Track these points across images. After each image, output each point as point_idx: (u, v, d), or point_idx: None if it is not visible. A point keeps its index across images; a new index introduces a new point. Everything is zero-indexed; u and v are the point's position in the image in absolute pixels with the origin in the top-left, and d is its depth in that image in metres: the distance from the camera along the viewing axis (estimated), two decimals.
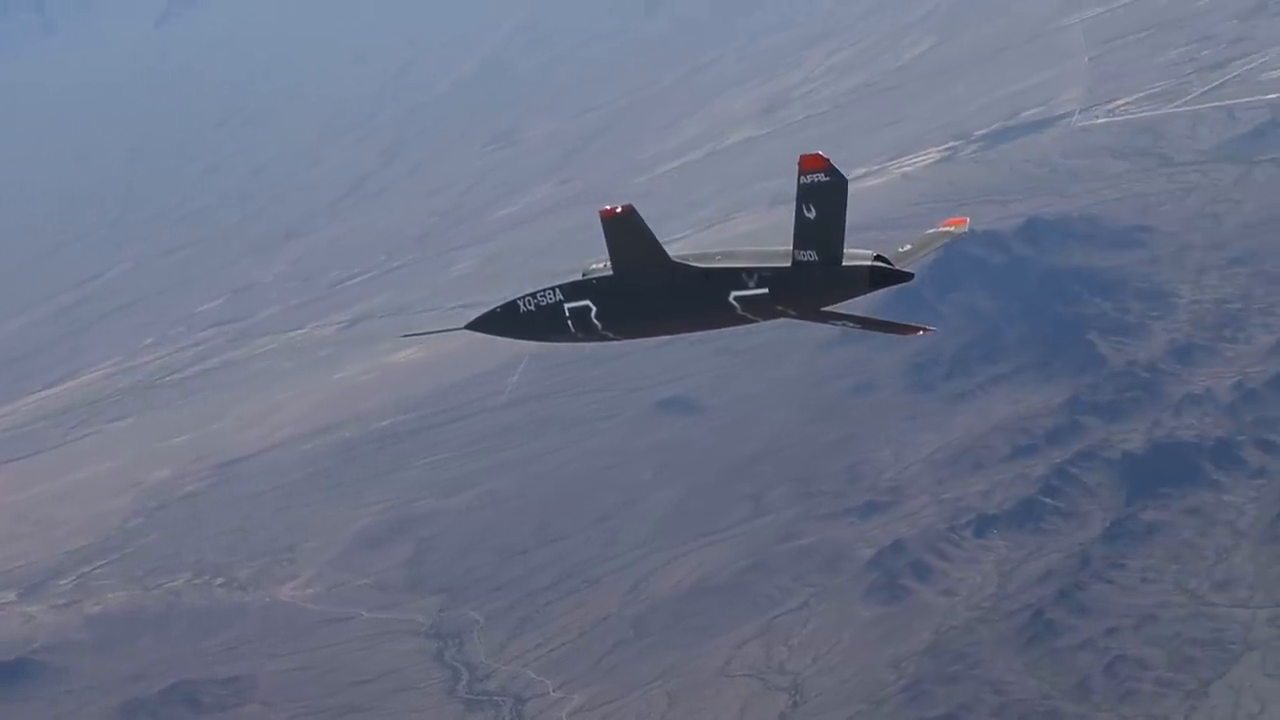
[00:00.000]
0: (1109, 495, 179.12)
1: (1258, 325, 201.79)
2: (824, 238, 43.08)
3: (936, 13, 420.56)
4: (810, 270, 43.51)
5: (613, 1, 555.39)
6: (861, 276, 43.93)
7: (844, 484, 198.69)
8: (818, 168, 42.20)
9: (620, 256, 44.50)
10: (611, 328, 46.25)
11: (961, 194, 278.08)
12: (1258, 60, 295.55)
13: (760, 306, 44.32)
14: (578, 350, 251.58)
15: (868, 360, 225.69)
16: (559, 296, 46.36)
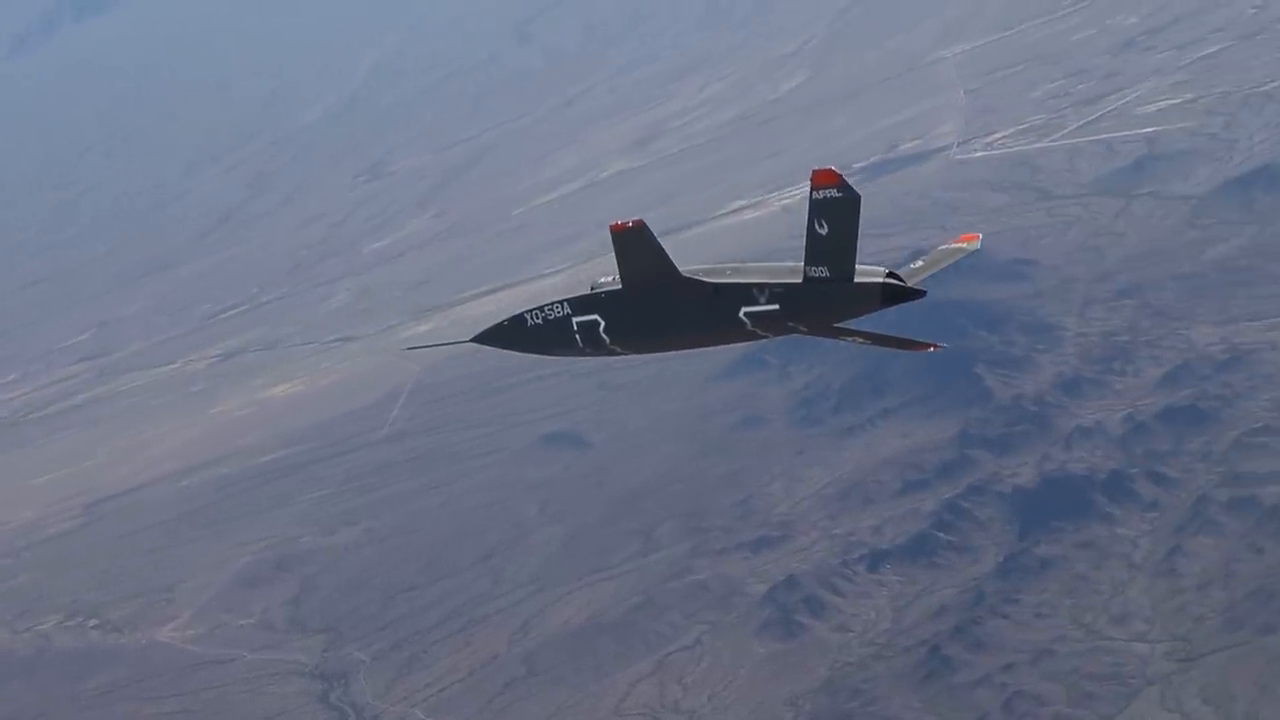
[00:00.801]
0: (1001, 529, 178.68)
1: (1145, 358, 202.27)
2: (836, 254, 43.07)
3: (809, 46, 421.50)
4: (822, 287, 43.50)
5: (481, 33, 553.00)
6: (874, 294, 44.20)
7: (734, 519, 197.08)
8: (830, 183, 42.05)
9: (629, 270, 44.58)
10: (620, 342, 46.00)
11: None
12: (1131, 94, 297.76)
13: (771, 322, 44.32)
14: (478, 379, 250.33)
15: (754, 394, 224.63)
16: (567, 310, 46.36)
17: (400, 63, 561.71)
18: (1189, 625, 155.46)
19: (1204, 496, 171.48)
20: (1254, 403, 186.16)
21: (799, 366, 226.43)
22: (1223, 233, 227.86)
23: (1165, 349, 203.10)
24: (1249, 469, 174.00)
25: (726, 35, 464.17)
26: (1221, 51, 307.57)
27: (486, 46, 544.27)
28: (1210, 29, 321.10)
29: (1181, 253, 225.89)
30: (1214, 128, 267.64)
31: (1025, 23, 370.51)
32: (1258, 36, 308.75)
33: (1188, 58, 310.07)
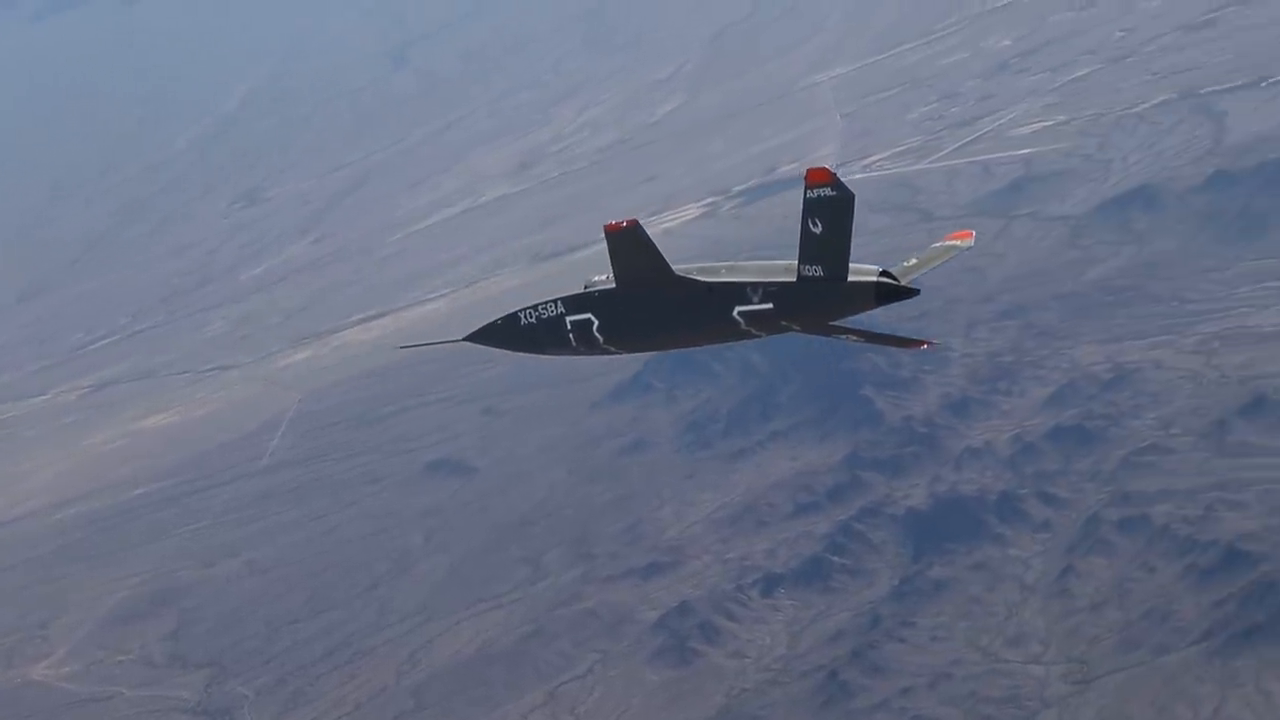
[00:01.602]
0: (895, 552, 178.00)
1: (1030, 378, 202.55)
2: (830, 253, 42.94)
3: (685, 71, 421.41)
4: (816, 286, 43.46)
5: (358, 58, 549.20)
6: (868, 292, 44.07)
7: (624, 545, 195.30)
8: (823, 181, 41.93)
9: (623, 270, 44.63)
10: (614, 341, 46.19)
11: (724, 250, 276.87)
12: (1006, 117, 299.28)
13: (765, 321, 44.34)
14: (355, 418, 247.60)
15: (641, 418, 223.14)
16: (561, 309, 46.86)
17: (275, 88, 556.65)
18: (1084, 646, 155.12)
19: (1094, 516, 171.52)
20: (1140, 421, 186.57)
21: (686, 390, 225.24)
22: (1102, 253, 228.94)
23: (1050, 369, 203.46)
24: (1138, 488, 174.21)
25: (605, 60, 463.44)
26: (1092, 74, 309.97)
27: (363, 72, 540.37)
28: (1080, 51, 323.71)
29: (1062, 273, 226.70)
30: (1088, 149, 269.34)
31: (899, 46, 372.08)
32: (1127, 60, 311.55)
33: (1060, 80, 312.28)
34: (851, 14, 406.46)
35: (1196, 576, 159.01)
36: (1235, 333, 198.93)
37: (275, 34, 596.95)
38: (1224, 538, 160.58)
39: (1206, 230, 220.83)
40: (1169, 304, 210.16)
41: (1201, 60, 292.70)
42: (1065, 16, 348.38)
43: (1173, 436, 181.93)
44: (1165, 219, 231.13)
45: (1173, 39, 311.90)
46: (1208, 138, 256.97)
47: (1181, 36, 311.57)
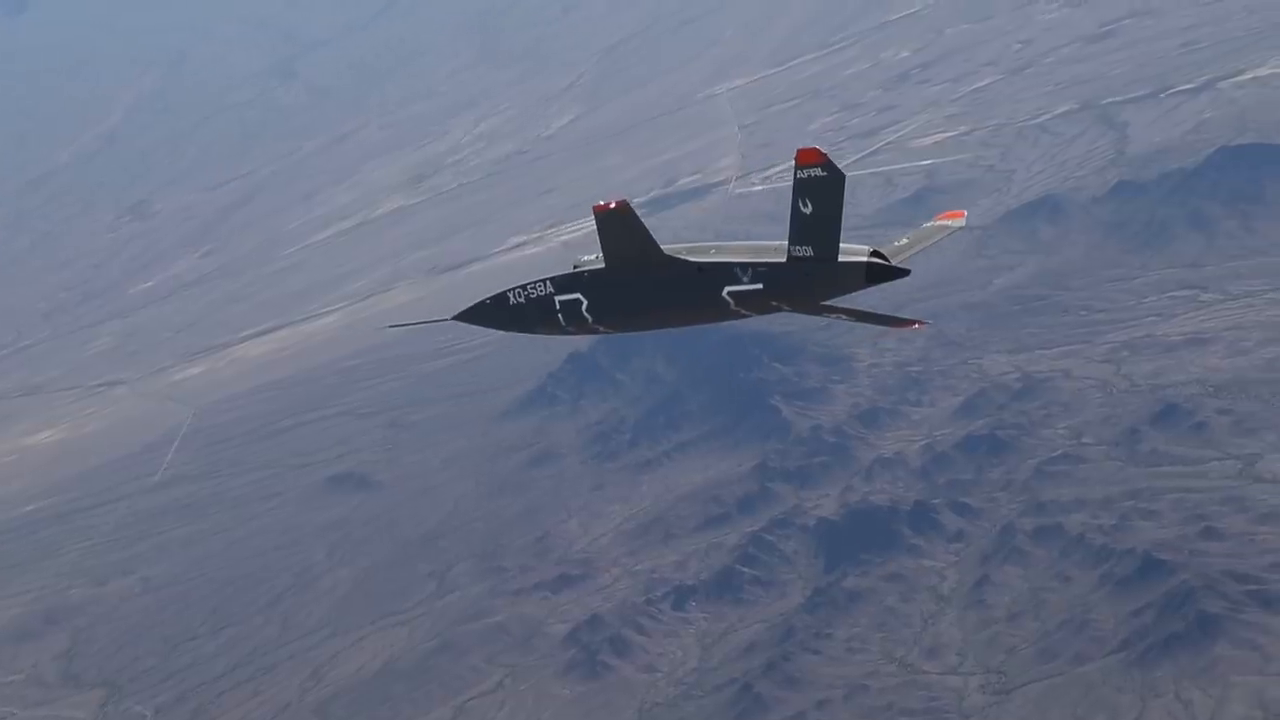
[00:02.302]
0: (807, 563, 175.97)
1: (940, 388, 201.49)
2: (820, 233, 43.16)
3: (581, 83, 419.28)
4: (806, 266, 43.52)
5: (245, 71, 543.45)
6: (858, 273, 44.12)
7: (532, 558, 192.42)
8: (814, 162, 42.11)
9: (612, 251, 44.05)
10: (603, 321, 45.79)
11: None
12: (908, 127, 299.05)
13: (754, 301, 44.12)
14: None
15: (546, 430, 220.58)
16: (550, 289, 45.94)
17: (160, 101, 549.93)
18: (1002, 657, 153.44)
19: (1009, 526, 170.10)
20: (1051, 431, 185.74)
21: (591, 401, 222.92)
22: (1008, 262, 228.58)
23: (959, 378, 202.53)
24: (1052, 497, 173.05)
25: (499, 72, 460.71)
26: (992, 85, 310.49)
27: (251, 85, 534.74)
28: (980, 63, 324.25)
29: (969, 283, 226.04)
30: (991, 159, 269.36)
31: (797, 58, 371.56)
32: (1026, 70, 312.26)
33: (960, 91, 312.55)
34: (748, 26, 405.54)
35: (1113, 586, 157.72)
36: (1143, 342, 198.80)
37: (160, 47, 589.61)
38: (1140, 547, 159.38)
39: (1112, 240, 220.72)
40: (1077, 313, 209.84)
41: (1101, 71, 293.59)
42: (963, 28, 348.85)
43: (1085, 446, 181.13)
44: (1070, 229, 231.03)
45: (1072, 50, 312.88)
46: (1110, 148, 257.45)
47: (1080, 48, 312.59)
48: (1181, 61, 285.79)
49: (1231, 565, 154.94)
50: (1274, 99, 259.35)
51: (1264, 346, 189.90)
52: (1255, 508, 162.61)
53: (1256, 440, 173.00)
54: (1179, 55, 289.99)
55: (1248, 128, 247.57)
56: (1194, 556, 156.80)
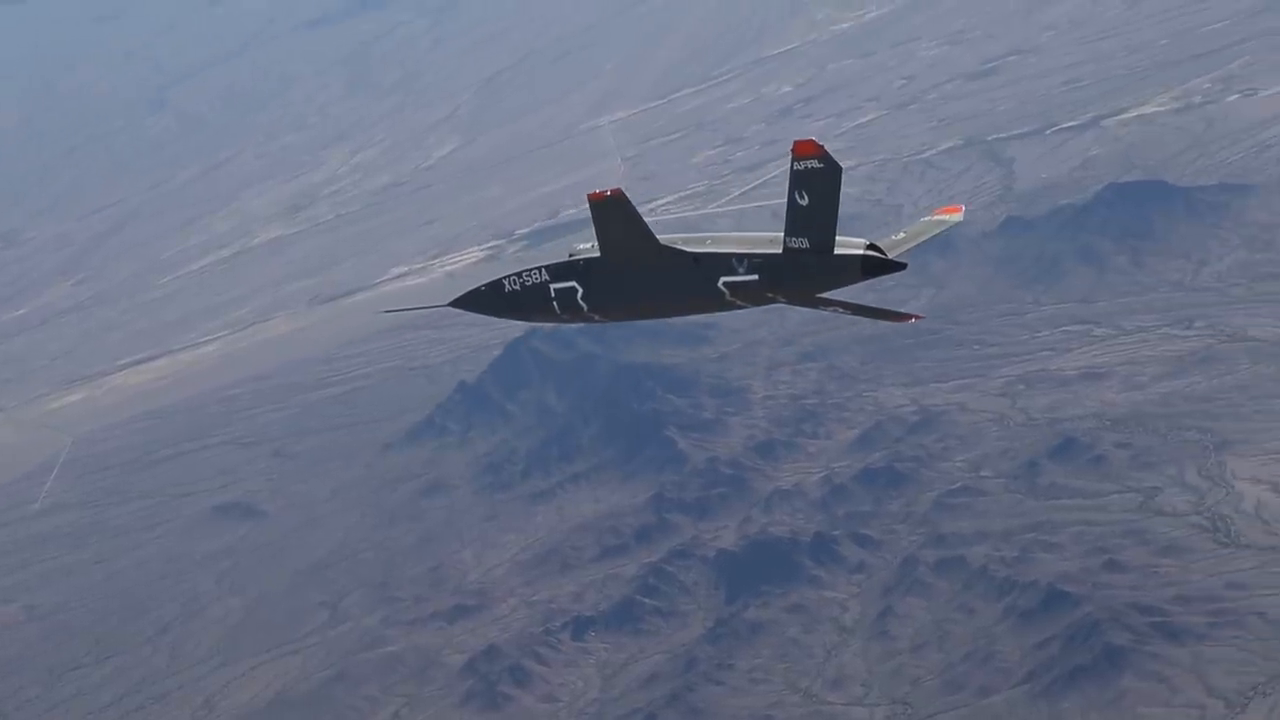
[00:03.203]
0: (708, 594, 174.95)
1: (836, 420, 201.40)
2: (816, 225, 42.51)
3: (459, 114, 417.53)
4: (802, 258, 43.05)
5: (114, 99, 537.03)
6: (854, 265, 43.42)
7: (426, 588, 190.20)
8: (811, 154, 41.55)
9: (608, 240, 44.08)
10: (597, 310, 45.77)
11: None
12: None
13: (750, 293, 44.11)
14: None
15: (437, 461, 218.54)
16: (545, 277, 46.10)
17: (28, 131, 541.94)
18: (907, 688, 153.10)
19: (910, 558, 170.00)
20: (949, 463, 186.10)
21: (481, 432, 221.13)
22: (900, 296, 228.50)
23: (855, 411, 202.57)
24: (953, 529, 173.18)
25: (374, 103, 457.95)
26: (876, 120, 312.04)
27: (121, 113, 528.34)
28: (863, 98, 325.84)
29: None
30: (878, 194, 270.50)
31: (678, 91, 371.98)
32: (910, 107, 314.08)
33: (845, 125, 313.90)
34: (627, 60, 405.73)
35: (1017, 618, 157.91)
36: (1037, 376, 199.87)
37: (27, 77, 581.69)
38: (1043, 579, 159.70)
39: (1002, 275, 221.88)
40: (970, 347, 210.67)
41: (985, 108, 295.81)
42: (845, 64, 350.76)
43: (983, 479, 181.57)
44: (961, 263, 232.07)
45: (954, 87, 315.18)
46: (997, 183, 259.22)
47: (963, 84, 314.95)
48: (1065, 99, 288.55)
49: (1135, 598, 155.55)
50: (1159, 136, 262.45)
51: (1159, 381, 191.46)
52: (1156, 540, 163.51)
53: (1155, 474, 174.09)
54: (1062, 93, 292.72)
55: (1134, 164, 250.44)
56: (1098, 589, 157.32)
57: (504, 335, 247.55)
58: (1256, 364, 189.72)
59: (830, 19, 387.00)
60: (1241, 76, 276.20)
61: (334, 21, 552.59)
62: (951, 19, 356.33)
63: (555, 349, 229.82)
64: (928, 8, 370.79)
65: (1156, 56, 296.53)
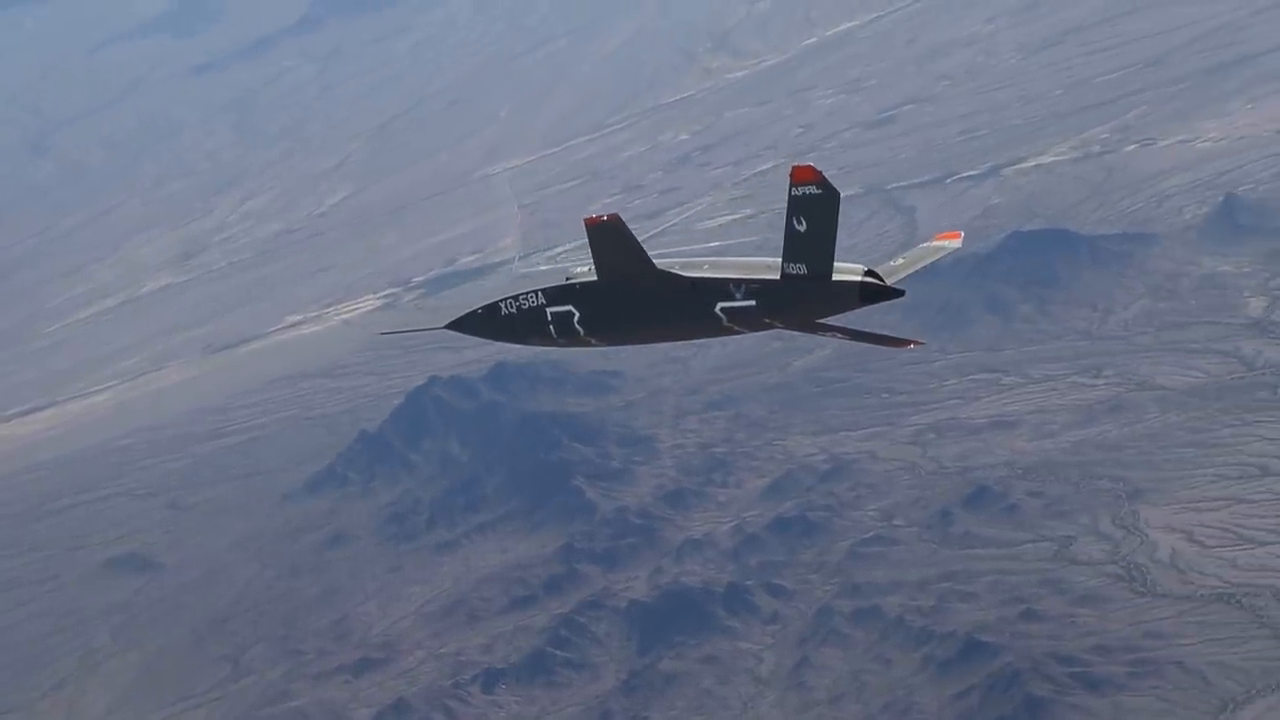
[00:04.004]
0: (620, 645, 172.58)
1: (745, 469, 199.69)
2: (814, 251, 42.58)
3: (351, 161, 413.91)
4: (800, 284, 43.06)
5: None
6: (852, 292, 43.52)
7: (330, 641, 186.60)
8: (809, 180, 41.73)
9: (604, 264, 43.77)
10: (594, 334, 45.65)
11: (409, 340, 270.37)
12: (691, 209, 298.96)
13: (747, 318, 43.96)
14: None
15: (339, 511, 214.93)
16: (541, 300, 45.71)
17: None
18: None
19: (825, 608, 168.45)
20: (862, 512, 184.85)
21: (383, 482, 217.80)
22: (807, 344, 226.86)
23: (764, 460, 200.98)
24: (867, 579, 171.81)
25: (263, 149, 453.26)
26: (776, 168, 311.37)
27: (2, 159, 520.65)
28: (762, 146, 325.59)
29: (768, 364, 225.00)
30: (780, 242, 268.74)
31: (573, 139, 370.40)
32: (809, 155, 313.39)
33: (743, 173, 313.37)
34: (520, 107, 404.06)
35: (936, 668, 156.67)
36: (947, 424, 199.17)
37: None
38: (961, 629, 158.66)
39: (908, 323, 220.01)
40: (879, 395, 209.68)
41: (884, 156, 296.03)
42: (741, 112, 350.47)
43: (896, 528, 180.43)
44: (866, 311, 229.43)
45: (853, 135, 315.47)
46: (899, 232, 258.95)
47: (861, 133, 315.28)
48: (964, 148, 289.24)
49: (1054, 647, 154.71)
50: (1059, 185, 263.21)
51: (1069, 430, 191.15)
52: (1073, 590, 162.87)
53: (1069, 523, 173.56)
54: (960, 142, 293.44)
55: (1035, 213, 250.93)
56: (1016, 639, 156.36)
57: (404, 384, 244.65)
58: (1166, 413, 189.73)
59: (725, 67, 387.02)
60: (1138, 127, 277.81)
61: (219, 67, 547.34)
62: (846, 68, 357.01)
63: (458, 398, 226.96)
64: (822, 57, 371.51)
65: (1052, 106, 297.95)
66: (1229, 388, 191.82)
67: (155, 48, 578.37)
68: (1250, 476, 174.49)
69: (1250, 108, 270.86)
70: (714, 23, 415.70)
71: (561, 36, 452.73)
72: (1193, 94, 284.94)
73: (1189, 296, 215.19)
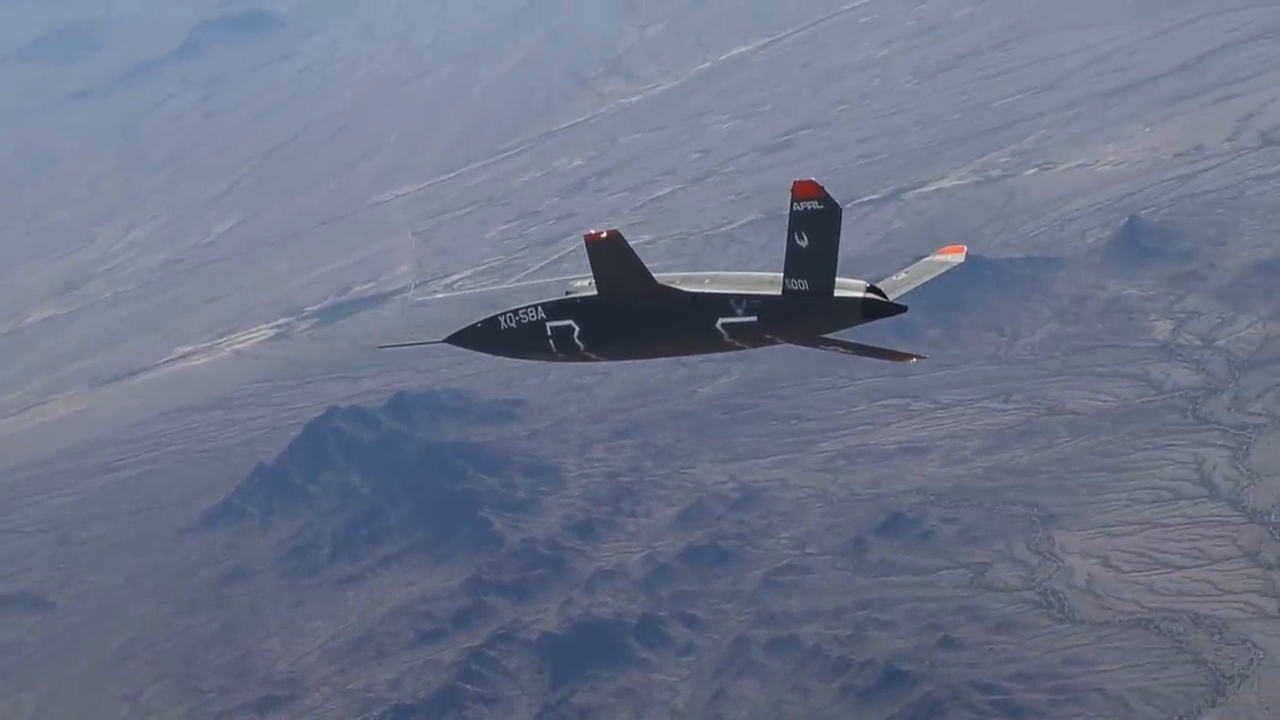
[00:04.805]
0: (532, 678, 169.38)
1: (654, 498, 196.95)
2: (816, 266, 42.44)
3: (239, 188, 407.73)
4: (801, 300, 42.93)
5: None
6: (854, 308, 43.54)
7: (232, 678, 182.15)
8: (811, 195, 41.39)
9: (605, 280, 43.79)
10: (594, 349, 45.51)
11: (304, 370, 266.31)
12: None
13: (748, 334, 44.00)
14: None
15: (237, 546, 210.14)
16: (541, 315, 45.86)
17: None
18: None
19: (741, 638, 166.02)
20: (774, 541, 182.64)
21: (283, 516, 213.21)
22: (712, 371, 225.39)
23: (673, 488, 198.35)
24: (782, 608, 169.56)
25: (147, 177, 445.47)
26: (673, 194, 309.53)
27: None
28: (658, 172, 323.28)
29: (673, 391, 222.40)
30: (681, 268, 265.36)
31: (466, 165, 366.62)
32: (706, 180, 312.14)
33: (641, 199, 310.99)
34: (411, 133, 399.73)
35: (855, 698, 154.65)
36: (858, 450, 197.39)
37: None
38: (879, 658, 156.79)
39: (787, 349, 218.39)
40: (787, 422, 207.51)
41: (783, 181, 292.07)
42: (636, 138, 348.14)
43: (810, 556, 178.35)
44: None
45: (750, 160, 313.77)
46: None
47: (759, 158, 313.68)
48: (863, 173, 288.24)
49: (974, 676, 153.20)
50: (960, 209, 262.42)
51: (981, 455, 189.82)
52: (990, 617, 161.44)
53: (984, 549, 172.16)
54: (859, 166, 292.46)
55: (938, 237, 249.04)
56: (935, 667, 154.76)
57: (300, 415, 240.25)
58: (1076, 437, 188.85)
59: (618, 92, 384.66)
60: (1037, 151, 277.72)
61: (99, 94, 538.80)
62: (740, 94, 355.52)
63: (359, 428, 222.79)
64: (716, 82, 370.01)
65: (950, 131, 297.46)
66: (1139, 411, 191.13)
67: (32, 75, 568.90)
68: (1163, 500, 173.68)
69: (1148, 131, 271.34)
70: (606, 48, 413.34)
71: (450, 62, 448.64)
72: (1089, 118, 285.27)
73: (1095, 320, 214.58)
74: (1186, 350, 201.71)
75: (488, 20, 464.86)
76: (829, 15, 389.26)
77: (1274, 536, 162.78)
